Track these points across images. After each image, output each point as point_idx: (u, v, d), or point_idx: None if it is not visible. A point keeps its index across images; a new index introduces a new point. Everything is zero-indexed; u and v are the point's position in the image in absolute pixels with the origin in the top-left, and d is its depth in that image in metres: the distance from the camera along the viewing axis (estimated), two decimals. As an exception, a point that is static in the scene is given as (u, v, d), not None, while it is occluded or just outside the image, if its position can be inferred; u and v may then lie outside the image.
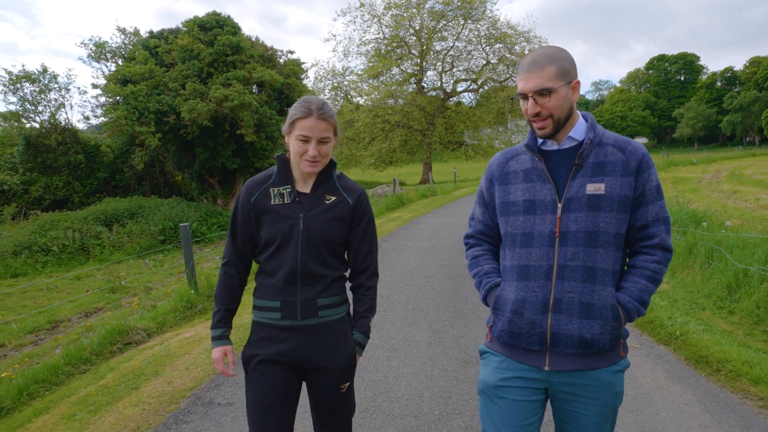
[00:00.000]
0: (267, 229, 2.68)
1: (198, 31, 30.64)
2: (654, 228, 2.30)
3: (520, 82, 2.28)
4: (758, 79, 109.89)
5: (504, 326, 2.37)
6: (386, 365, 5.84)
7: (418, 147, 51.16)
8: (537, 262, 2.30)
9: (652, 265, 2.29)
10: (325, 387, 2.71)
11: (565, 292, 2.25)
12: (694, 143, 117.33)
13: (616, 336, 2.27)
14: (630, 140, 2.32)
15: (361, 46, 51.77)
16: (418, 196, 27.73)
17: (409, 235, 15.56)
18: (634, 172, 2.24)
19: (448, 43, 52.38)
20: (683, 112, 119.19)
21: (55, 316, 11.84)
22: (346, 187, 2.80)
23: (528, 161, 2.40)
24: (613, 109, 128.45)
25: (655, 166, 2.33)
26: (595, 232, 2.23)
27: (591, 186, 2.24)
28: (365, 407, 4.88)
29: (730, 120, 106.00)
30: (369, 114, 46.16)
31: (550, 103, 2.23)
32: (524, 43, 49.92)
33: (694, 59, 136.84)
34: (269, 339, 2.69)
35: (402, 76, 52.31)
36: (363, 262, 2.83)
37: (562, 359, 2.29)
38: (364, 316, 2.82)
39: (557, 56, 2.25)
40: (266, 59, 33.37)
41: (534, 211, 2.32)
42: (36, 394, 5.62)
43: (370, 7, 50.78)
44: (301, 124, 2.56)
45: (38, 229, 21.21)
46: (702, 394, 5.08)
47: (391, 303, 8.27)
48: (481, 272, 2.55)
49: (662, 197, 2.33)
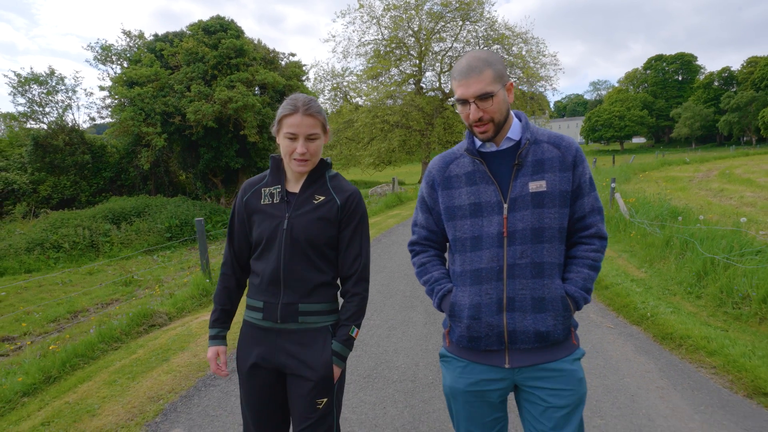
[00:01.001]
0: (256, 229, 2.70)
1: (202, 35, 31.42)
2: (590, 218, 2.41)
3: (459, 88, 2.30)
4: (755, 79, 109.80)
5: (463, 332, 2.41)
6: (386, 341, 6.58)
7: (416, 147, 51.16)
8: (488, 264, 2.34)
9: (592, 254, 2.40)
10: (300, 397, 2.64)
11: (516, 290, 2.31)
12: (692, 143, 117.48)
13: (568, 326, 2.37)
14: (563, 136, 2.42)
15: (361, 47, 51.75)
16: (416, 194, 28.40)
17: (408, 230, 16.26)
18: (570, 166, 2.33)
19: (446, 44, 52.24)
20: (681, 111, 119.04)
21: (73, 307, 12.54)
22: (337, 188, 2.76)
23: (469, 164, 2.44)
24: (611, 109, 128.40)
25: (587, 160, 2.43)
26: (540, 228, 2.30)
27: (533, 184, 2.30)
28: (368, 374, 5.62)
29: (727, 120, 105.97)
30: (368, 114, 45.94)
31: (492, 107, 2.27)
32: (522, 44, 49.88)
33: (691, 59, 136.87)
34: (252, 338, 2.71)
35: (401, 77, 52.31)
36: (351, 266, 2.75)
37: (520, 355, 2.36)
38: (345, 324, 2.72)
39: (492, 60, 2.30)
40: (268, 62, 34.14)
41: (481, 214, 2.37)
42: (77, 366, 6.37)
43: (370, 8, 50.75)
44: (287, 122, 2.56)
45: (49, 227, 21.94)
46: (663, 363, 5.81)
47: (390, 290, 9.02)
48: (431, 279, 2.57)
49: (595, 188, 2.44)
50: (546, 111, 55.17)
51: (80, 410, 5.05)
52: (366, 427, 4.53)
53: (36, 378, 5.87)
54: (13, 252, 19.81)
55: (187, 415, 4.90)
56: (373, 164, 49.55)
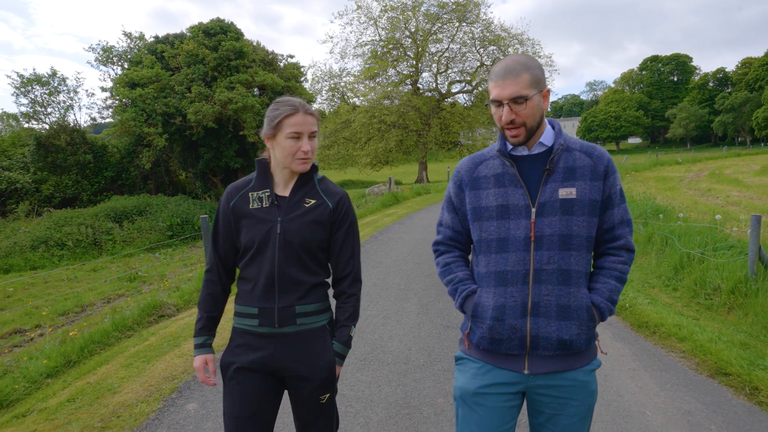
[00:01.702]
0: (245, 234, 2.66)
1: (203, 37, 31.97)
2: (619, 230, 2.39)
3: (495, 89, 2.29)
4: (749, 80, 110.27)
5: (484, 333, 2.37)
6: (381, 329, 7.08)
7: (413, 147, 51.04)
8: (514, 267, 2.31)
9: (620, 266, 2.38)
10: (303, 397, 2.68)
11: (542, 296, 2.28)
12: (687, 143, 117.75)
13: (591, 336, 2.35)
14: (595, 146, 2.39)
15: (358, 48, 51.91)
16: (412, 194, 28.95)
17: (404, 228, 16.81)
18: (601, 176, 2.32)
19: (443, 45, 52.67)
20: (676, 112, 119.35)
21: (81, 302, 13.02)
22: (327, 191, 2.77)
23: (498, 166, 2.40)
24: (607, 110, 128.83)
25: (618, 171, 2.42)
26: (568, 235, 2.27)
27: (563, 191, 2.28)
28: (364, 357, 6.12)
29: (722, 120, 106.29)
30: (365, 114, 46.30)
31: (525, 111, 2.25)
32: (518, 45, 50.17)
33: (686, 60, 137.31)
34: (247, 346, 2.67)
35: (398, 78, 52.61)
36: (344, 267, 2.79)
37: (541, 362, 2.33)
38: (345, 325, 2.76)
39: (530, 64, 2.28)
40: (267, 63, 34.68)
41: (508, 216, 2.33)
42: (94, 351, 6.86)
43: (367, 9, 51.08)
44: (290, 122, 2.57)
45: (53, 225, 22.46)
46: (637, 348, 6.31)
47: (386, 283, 9.52)
48: (455, 279, 2.54)
49: (625, 200, 2.43)
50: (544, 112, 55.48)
51: (102, 388, 5.54)
52: (362, 402, 5.02)
53: (58, 361, 6.36)
54: (19, 250, 20.32)
55: (200, 393, 5.39)
56: (370, 164, 49.65)
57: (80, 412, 5.02)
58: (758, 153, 54.15)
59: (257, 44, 35.45)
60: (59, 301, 13.52)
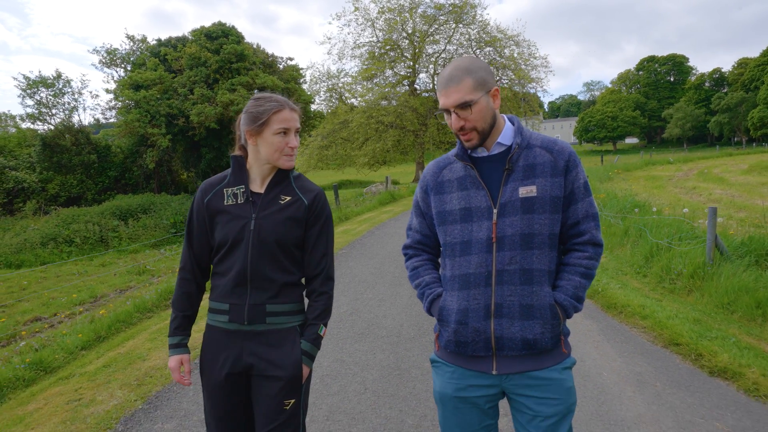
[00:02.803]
0: (220, 230, 2.65)
1: (205, 40, 32.87)
2: (584, 225, 2.37)
3: (441, 98, 2.32)
4: (745, 80, 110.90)
5: (450, 336, 2.40)
6: (377, 309, 7.89)
7: (410, 147, 51.61)
8: (476, 269, 2.33)
9: (585, 262, 2.37)
10: (267, 398, 2.62)
11: (504, 297, 2.29)
12: (684, 143, 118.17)
13: (557, 334, 2.34)
14: (557, 140, 2.39)
15: (356, 49, 51.82)
16: (408, 193, 29.78)
17: (399, 224, 17.64)
18: (562, 171, 2.31)
19: (439, 47, 52.90)
20: (672, 112, 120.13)
21: (94, 293, 13.80)
22: (303, 188, 2.75)
23: (461, 169, 2.43)
24: (604, 110, 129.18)
25: (581, 164, 2.41)
26: (530, 234, 2.27)
27: (523, 189, 2.28)
28: (361, 332, 6.93)
29: (718, 120, 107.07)
30: (363, 115, 46.40)
31: (472, 116, 2.26)
32: (513, 46, 50.35)
33: (683, 60, 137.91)
34: (217, 343, 2.66)
35: (395, 79, 52.76)
36: (317, 265, 2.75)
37: (508, 362, 2.34)
38: (313, 323, 2.73)
39: (472, 68, 2.28)
40: (267, 65, 35.61)
41: (471, 219, 2.35)
42: (119, 329, 7.68)
43: (365, 11, 51.24)
44: (278, 117, 2.56)
45: (61, 223, 23.31)
46: (603, 325, 7.13)
47: (382, 272, 10.34)
48: (422, 283, 2.57)
49: (590, 194, 2.40)
50: (539, 112, 55.93)
51: (132, 356, 6.35)
52: (359, 366, 5.83)
53: (89, 336, 7.19)
54: (29, 246, 21.14)
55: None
56: (367, 164, 49.78)
57: (116, 374, 5.83)
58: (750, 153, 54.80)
59: (257, 47, 36.35)
60: (73, 292, 14.31)
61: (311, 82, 51.82)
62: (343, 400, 5.02)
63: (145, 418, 4.83)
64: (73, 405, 5.12)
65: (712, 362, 5.65)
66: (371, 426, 4.52)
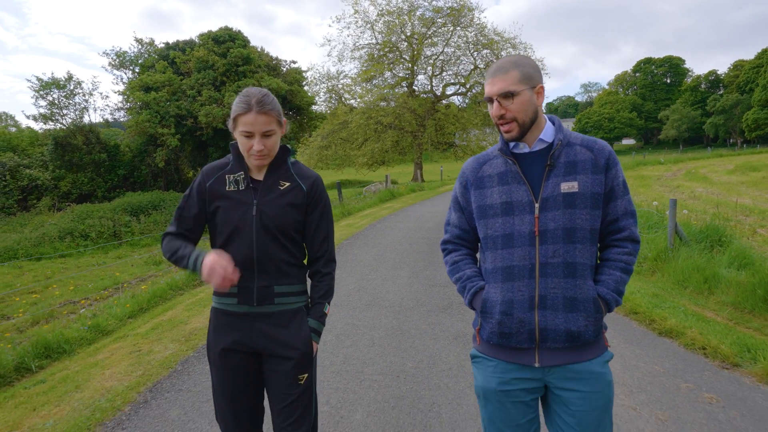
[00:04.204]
0: (221, 215, 2.68)
1: (212, 44, 34.16)
2: (623, 221, 2.41)
3: (486, 86, 2.38)
4: (740, 82, 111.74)
5: (494, 328, 2.41)
6: (380, 287, 9.05)
7: (409, 148, 52.29)
8: (520, 261, 2.35)
9: (625, 257, 2.40)
10: (281, 375, 2.71)
11: (549, 289, 2.32)
12: (680, 145, 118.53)
13: (599, 327, 2.36)
14: (596, 139, 2.42)
15: (355, 51, 51.82)
16: (407, 191, 30.94)
17: (399, 219, 18.86)
18: (603, 169, 2.34)
19: (437, 49, 53.42)
20: (668, 114, 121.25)
21: (117, 281, 14.94)
22: (300, 174, 2.80)
23: (501, 164, 2.45)
24: (600, 111, 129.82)
25: (620, 163, 2.44)
26: (572, 228, 2.30)
27: (565, 185, 2.31)
28: (368, 303, 8.09)
29: (713, 122, 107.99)
30: (362, 116, 46.97)
31: (513, 106, 2.30)
32: (510, 49, 50.27)
33: (679, 62, 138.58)
34: (227, 325, 2.72)
35: (394, 80, 53.27)
36: (319, 248, 2.84)
37: (551, 354, 2.37)
38: (319, 302, 2.83)
39: (521, 62, 2.33)
40: (271, 68, 36.84)
41: (512, 212, 2.37)
42: (157, 303, 8.87)
43: (364, 13, 51.57)
44: (242, 120, 2.55)
45: (76, 218, 24.55)
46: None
47: (384, 258, 11.53)
48: (463, 277, 2.58)
49: (628, 192, 2.45)
50: None
51: (174, 322, 7.52)
52: (368, 327, 6.98)
53: (133, 308, 8.37)
54: (48, 239, 22.34)
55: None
56: (366, 164, 50.35)
57: (165, 333, 6.99)
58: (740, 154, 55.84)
59: (261, 50, 37.53)
60: (97, 280, 15.48)
61: (311, 83, 52.14)
62: (355, 351, 6.18)
63: (197, 362, 5.98)
64: (135, 354, 6.29)
65: (661, 325, 6.79)
66: (379, 368, 5.67)
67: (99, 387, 5.37)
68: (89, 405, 4.95)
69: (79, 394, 5.22)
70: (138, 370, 5.79)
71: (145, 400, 5.06)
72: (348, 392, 5.09)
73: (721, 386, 5.06)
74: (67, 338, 6.92)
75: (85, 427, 4.53)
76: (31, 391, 5.48)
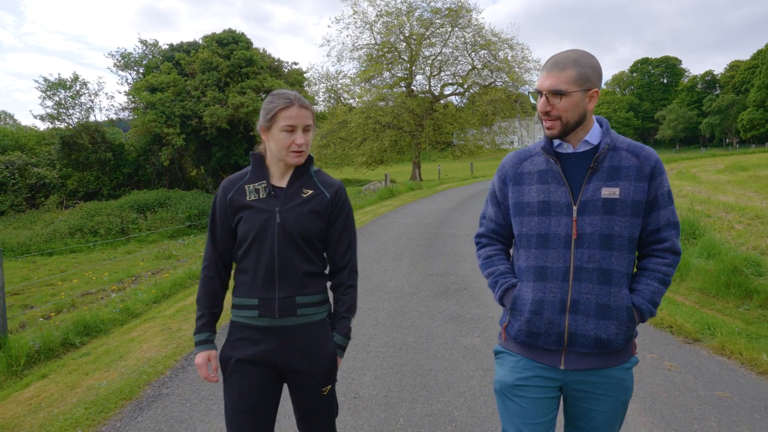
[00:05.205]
0: (243, 225, 2.64)
1: (216, 46, 35.04)
2: (666, 232, 2.35)
3: (540, 78, 2.33)
4: (736, 82, 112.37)
5: (522, 326, 2.39)
6: (382, 276, 9.84)
7: (407, 147, 52.73)
8: (554, 263, 2.32)
9: (664, 268, 2.35)
10: (305, 390, 2.68)
11: (582, 294, 2.28)
12: (676, 145, 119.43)
13: (630, 336, 2.33)
14: (643, 146, 2.34)
15: (354, 51, 51.80)
16: (406, 189, 31.61)
17: (398, 215, 19.68)
18: (647, 177, 2.28)
19: (436, 49, 53.68)
20: (665, 114, 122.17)
21: (130, 273, 15.69)
22: (324, 182, 2.77)
23: (543, 163, 2.41)
24: (597, 111, 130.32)
25: (666, 172, 2.37)
26: (610, 235, 2.25)
27: (606, 190, 2.26)
28: (371, 289, 8.87)
29: (709, 122, 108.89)
30: (361, 115, 47.10)
31: (561, 105, 2.26)
32: (508, 49, 51.46)
33: (676, 62, 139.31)
34: (246, 340, 2.64)
35: (392, 80, 53.59)
36: (342, 258, 2.78)
37: (577, 358, 2.34)
38: (345, 317, 2.77)
39: (581, 61, 2.27)
40: (273, 69, 37.72)
41: (549, 213, 2.34)
42: (177, 290, 9.64)
43: (363, 14, 51.70)
44: (285, 114, 2.55)
45: (85, 215, 25.41)
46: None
47: (385, 251, 12.34)
48: (496, 272, 2.56)
49: (673, 202, 2.38)
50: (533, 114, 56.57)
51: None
52: (372, 310, 7.76)
53: (158, 294, 9.17)
54: (59, 236, 23.18)
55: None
56: (365, 163, 50.71)
57: (190, 315, 7.77)
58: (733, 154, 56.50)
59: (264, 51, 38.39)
60: (110, 273, 16.24)
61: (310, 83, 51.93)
62: (362, 329, 6.96)
63: (222, 337, 6.71)
64: (166, 332, 7.07)
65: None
66: (383, 342, 6.45)
67: (140, 357, 6.16)
68: (135, 370, 5.75)
69: (124, 363, 6.02)
70: (171, 343, 6.58)
71: (182, 366, 5.85)
72: (357, 361, 5.88)
73: (681, 357, 5.84)
74: (102, 319, 7.72)
75: (136, 386, 5.33)
76: (79, 361, 6.28)
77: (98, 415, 4.77)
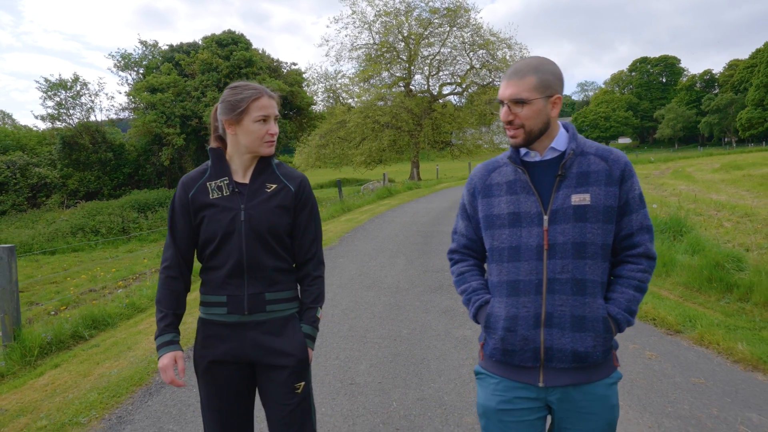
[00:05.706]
0: (207, 224, 2.58)
1: (216, 47, 35.39)
2: (638, 237, 2.29)
3: (501, 88, 2.28)
4: (734, 81, 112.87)
5: (497, 344, 2.33)
6: (379, 273, 10.14)
7: (406, 147, 53.00)
8: (526, 276, 2.25)
9: (639, 275, 2.28)
10: (277, 385, 2.63)
11: (556, 306, 2.22)
12: (675, 144, 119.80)
13: (608, 348, 2.26)
14: (612, 149, 2.31)
15: (353, 51, 51.76)
16: (404, 188, 31.97)
17: (396, 214, 20.03)
18: (617, 181, 2.24)
19: (434, 49, 53.92)
20: (664, 113, 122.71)
21: (134, 271, 15.98)
22: (287, 175, 2.74)
23: (511, 173, 2.36)
24: (597, 110, 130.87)
25: (636, 175, 2.34)
26: (582, 243, 2.20)
27: (576, 197, 2.21)
28: (368, 285, 9.19)
29: (708, 121, 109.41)
30: (360, 115, 47.29)
31: (523, 113, 2.22)
32: (506, 49, 51.89)
33: (675, 62, 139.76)
34: (216, 337, 2.62)
35: (391, 80, 53.86)
36: (309, 250, 2.76)
37: (556, 374, 2.27)
38: (311, 307, 2.74)
39: (541, 68, 2.23)
40: (273, 70, 38.08)
41: (519, 224, 2.28)
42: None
43: (362, 14, 51.80)
44: (257, 105, 2.53)
45: (87, 215, 25.74)
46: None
47: (382, 248, 12.66)
48: (468, 289, 2.50)
49: (645, 206, 2.32)
50: None
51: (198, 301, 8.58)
52: (369, 304, 8.07)
53: (162, 290, 9.45)
54: (61, 235, 23.50)
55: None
56: (364, 163, 50.84)
57: (193, 310, 8.04)
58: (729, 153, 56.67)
59: (263, 52, 38.68)
60: (113, 271, 16.53)
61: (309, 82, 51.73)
62: (359, 321, 7.27)
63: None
64: (171, 325, 7.37)
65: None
66: (379, 333, 6.77)
67: (147, 348, 6.48)
68: (143, 359, 6.07)
69: (132, 353, 6.34)
70: (176, 336, 6.88)
71: (189, 356, 6.12)
72: (354, 351, 6.19)
73: (662, 347, 6.14)
74: (110, 313, 8.03)
75: (145, 373, 5.65)
76: (89, 351, 6.61)
77: (111, 399, 5.10)
